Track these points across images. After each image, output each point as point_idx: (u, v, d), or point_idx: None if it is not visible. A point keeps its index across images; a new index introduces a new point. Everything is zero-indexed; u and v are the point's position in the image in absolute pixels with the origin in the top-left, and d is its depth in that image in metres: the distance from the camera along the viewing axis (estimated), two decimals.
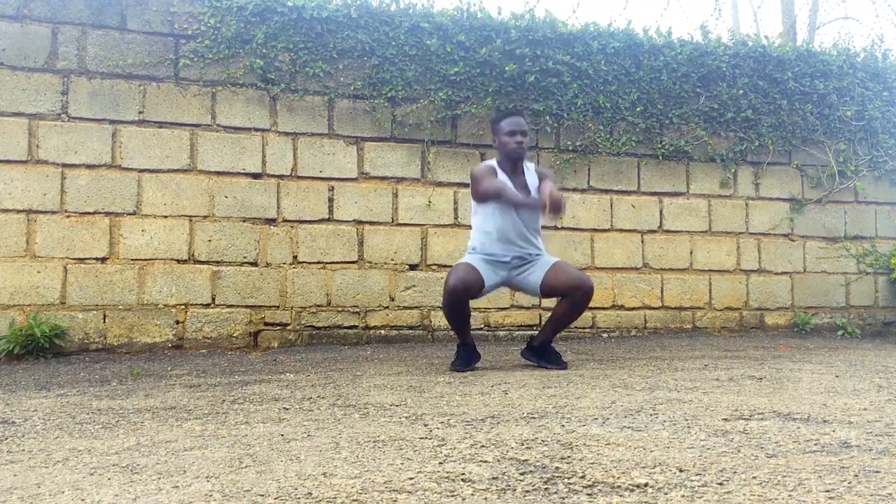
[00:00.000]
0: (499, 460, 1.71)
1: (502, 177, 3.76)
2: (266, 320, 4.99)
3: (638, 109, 5.72)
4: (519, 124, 3.77)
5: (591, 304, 5.61)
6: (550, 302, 5.53)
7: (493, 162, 3.86)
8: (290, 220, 5.06)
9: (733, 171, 6.02)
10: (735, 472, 1.57)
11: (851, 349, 5.04)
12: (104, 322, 4.71)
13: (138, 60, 4.82)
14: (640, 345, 5.18)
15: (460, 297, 3.60)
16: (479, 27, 5.39)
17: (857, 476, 1.54)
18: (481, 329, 5.36)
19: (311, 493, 1.48)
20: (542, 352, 3.82)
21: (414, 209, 5.29)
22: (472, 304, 3.83)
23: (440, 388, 3.02)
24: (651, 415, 2.29)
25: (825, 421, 2.17)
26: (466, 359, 3.74)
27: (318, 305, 5.08)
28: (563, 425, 2.13)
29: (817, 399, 2.62)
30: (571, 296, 3.70)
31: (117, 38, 4.81)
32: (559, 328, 3.83)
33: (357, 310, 5.14)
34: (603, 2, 19.02)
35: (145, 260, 4.79)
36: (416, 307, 5.25)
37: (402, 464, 1.71)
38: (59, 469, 1.79)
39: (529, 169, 3.88)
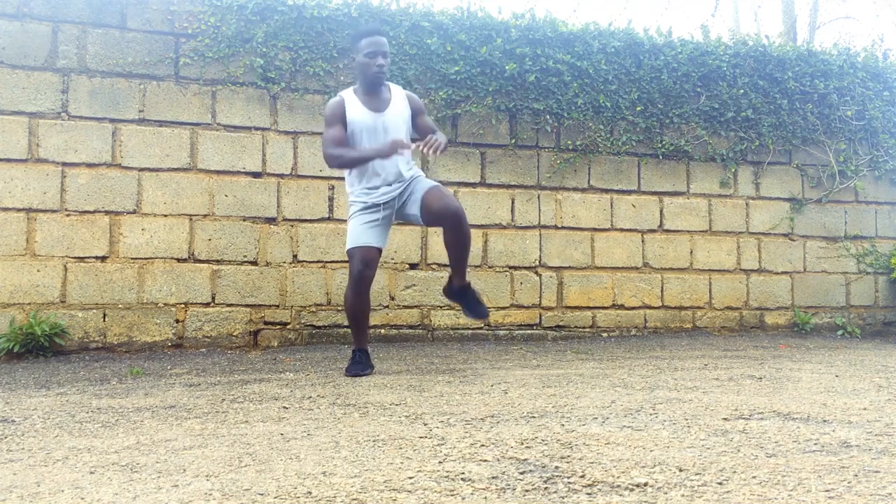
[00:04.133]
0: (498, 459, 1.71)
1: (356, 110, 3.51)
2: (266, 319, 4.99)
3: (638, 109, 5.71)
4: (380, 44, 3.49)
5: (592, 304, 5.63)
6: (548, 301, 5.55)
7: (347, 92, 3.60)
8: (290, 219, 5.06)
9: (733, 170, 6.02)
10: (735, 472, 1.57)
11: (851, 349, 5.04)
12: (104, 321, 4.71)
13: (138, 59, 4.82)
14: (640, 344, 5.18)
15: (367, 278, 3.47)
16: (479, 26, 5.39)
17: (856, 476, 1.53)
18: (481, 328, 5.36)
19: (310, 492, 1.48)
20: (462, 294, 3.73)
21: None
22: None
23: (440, 388, 3.02)
24: (651, 414, 2.29)
25: (825, 421, 2.17)
26: (365, 363, 3.58)
27: (318, 304, 5.08)
28: (563, 424, 2.13)
29: (817, 399, 2.62)
30: (445, 226, 3.55)
31: (117, 36, 4.81)
32: (460, 261, 3.63)
33: None
34: (603, 1, 19.02)
35: (145, 259, 4.79)
36: (416, 306, 5.25)
37: (401, 463, 1.71)
38: (59, 468, 1.79)
39: (396, 93, 3.62)
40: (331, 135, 3.51)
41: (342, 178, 5.14)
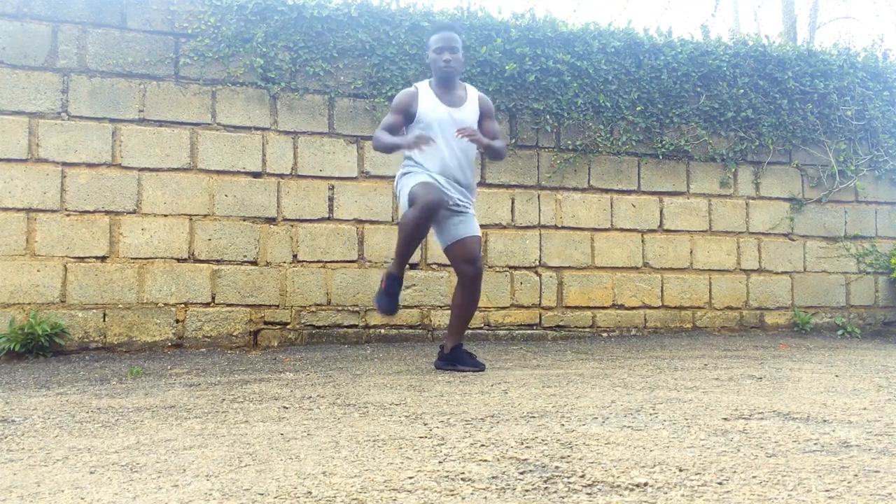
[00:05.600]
0: (498, 459, 1.71)
1: (430, 102, 3.53)
2: (266, 319, 4.99)
3: (638, 109, 5.71)
4: (448, 40, 3.52)
5: (592, 304, 5.63)
6: (548, 301, 5.55)
7: (423, 84, 3.63)
8: (290, 219, 5.06)
9: (733, 170, 6.02)
10: (735, 472, 1.57)
11: (851, 349, 5.04)
12: (104, 321, 4.71)
13: (138, 59, 4.82)
14: (640, 344, 5.18)
15: (434, 213, 3.36)
16: (479, 26, 5.39)
17: (856, 476, 1.54)
18: (481, 328, 5.36)
19: (310, 492, 1.48)
20: (455, 357, 3.62)
21: None
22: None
23: (440, 388, 3.02)
24: (651, 414, 2.29)
25: (825, 421, 2.17)
26: (396, 294, 3.53)
27: (318, 304, 5.08)
28: (563, 424, 2.13)
29: (817, 399, 2.62)
30: (462, 278, 3.54)
31: (117, 36, 4.81)
32: (464, 322, 3.62)
33: (357, 309, 5.14)
34: (603, 1, 19.02)
35: (145, 259, 4.79)
36: (415, 306, 5.25)
37: (401, 463, 1.71)
38: (59, 468, 1.79)
39: (471, 93, 3.65)
40: (387, 120, 3.53)
41: (342, 178, 5.18)
